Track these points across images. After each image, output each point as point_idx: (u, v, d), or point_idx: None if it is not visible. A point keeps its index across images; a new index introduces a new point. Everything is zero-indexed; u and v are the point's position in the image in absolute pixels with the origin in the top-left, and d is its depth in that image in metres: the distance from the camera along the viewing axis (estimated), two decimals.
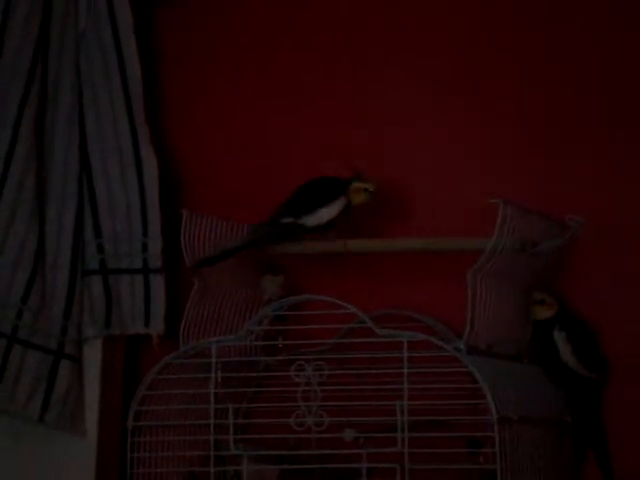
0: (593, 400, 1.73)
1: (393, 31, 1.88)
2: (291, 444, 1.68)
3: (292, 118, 1.91)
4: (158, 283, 1.83)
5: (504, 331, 1.67)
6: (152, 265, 1.83)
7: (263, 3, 1.94)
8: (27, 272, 1.82)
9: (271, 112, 1.92)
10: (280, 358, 1.72)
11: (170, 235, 1.82)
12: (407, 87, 1.87)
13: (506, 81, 1.83)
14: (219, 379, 1.64)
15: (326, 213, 1.75)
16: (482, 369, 1.55)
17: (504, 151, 1.83)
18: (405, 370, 1.57)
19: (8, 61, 1.83)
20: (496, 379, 1.57)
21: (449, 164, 1.84)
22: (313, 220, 1.75)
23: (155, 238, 1.84)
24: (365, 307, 1.65)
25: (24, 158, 1.83)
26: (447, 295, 1.78)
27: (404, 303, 1.80)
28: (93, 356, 1.85)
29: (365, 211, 1.81)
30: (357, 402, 1.61)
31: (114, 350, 1.86)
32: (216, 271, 1.76)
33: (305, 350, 1.69)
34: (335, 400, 1.61)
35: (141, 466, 1.64)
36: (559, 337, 1.72)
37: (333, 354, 1.69)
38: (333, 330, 1.71)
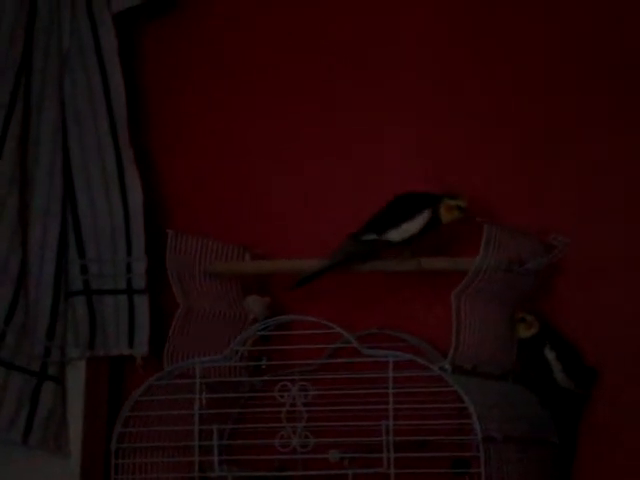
0: (578, 415, 1.74)
1: (364, 59, 1.89)
2: (276, 465, 1.68)
3: (277, 140, 1.91)
4: (142, 304, 1.83)
5: (489, 351, 1.67)
6: (136, 286, 1.83)
7: (248, 29, 1.94)
8: (10, 293, 1.81)
9: (256, 134, 1.91)
10: (265, 379, 1.71)
11: (155, 255, 1.82)
12: (383, 117, 1.87)
13: (491, 105, 1.84)
14: (203, 400, 1.63)
15: (410, 227, 1.70)
16: (467, 389, 1.55)
17: (489, 172, 1.83)
18: (390, 390, 1.56)
19: None
20: (481, 399, 1.56)
21: (433, 184, 1.84)
22: (397, 235, 1.71)
23: (139, 258, 1.83)
24: (351, 327, 1.65)
25: (7, 178, 1.83)
26: (433, 315, 1.78)
27: (390, 323, 1.80)
28: (77, 377, 1.84)
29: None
30: (342, 422, 1.61)
31: (98, 371, 1.85)
32: (201, 291, 1.76)
33: (290, 370, 1.69)
34: (320, 421, 1.61)
35: None
36: (551, 356, 1.72)
37: (318, 374, 1.68)
38: (318, 350, 1.71)
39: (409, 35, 1.87)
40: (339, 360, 1.67)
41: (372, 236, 1.72)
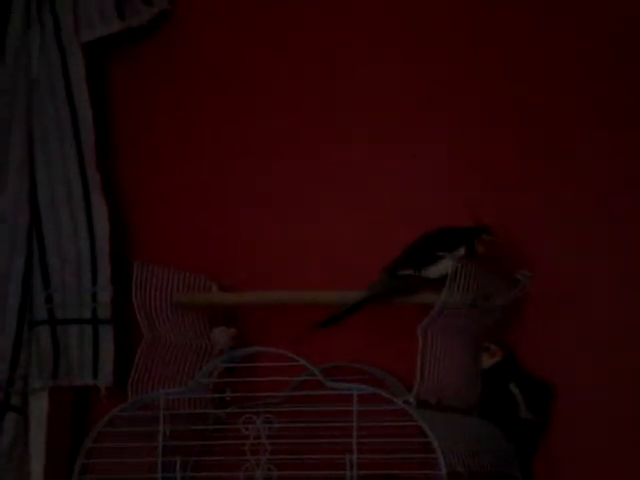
0: (534, 445, 1.74)
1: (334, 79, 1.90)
2: None
3: (246, 172, 1.91)
4: (107, 334, 1.82)
5: (454, 385, 1.67)
6: (101, 315, 1.82)
7: (215, 58, 1.94)
8: None
9: (225, 163, 1.92)
10: (229, 411, 1.71)
11: (121, 285, 1.82)
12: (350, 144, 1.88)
13: (443, 128, 1.84)
14: (167, 432, 1.63)
15: (446, 265, 1.66)
16: (432, 423, 1.55)
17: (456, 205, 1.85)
18: (355, 424, 1.56)
19: None
20: (446, 433, 1.56)
21: (404, 218, 1.84)
22: (434, 271, 1.69)
23: (105, 288, 1.83)
24: (316, 360, 1.65)
25: None
26: (398, 348, 1.77)
27: (355, 356, 1.80)
28: (39, 407, 1.82)
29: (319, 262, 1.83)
30: (306, 455, 1.60)
31: (61, 401, 1.84)
32: (167, 322, 1.75)
33: (255, 403, 1.69)
34: (284, 453, 1.60)
35: None
36: (515, 390, 1.72)
37: (283, 407, 1.68)
38: (283, 383, 1.70)
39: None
40: (303, 393, 1.67)
41: (409, 271, 1.70)
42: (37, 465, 1.81)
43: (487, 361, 1.74)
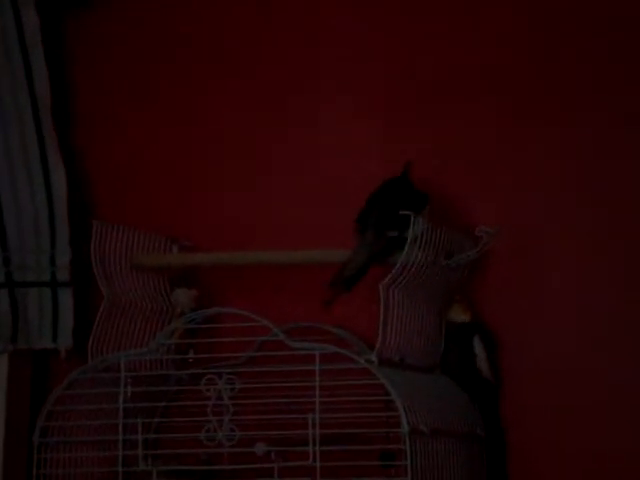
0: (495, 405, 1.74)
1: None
2: (202, 459, 1.67)
3: (205, 128, 1.89)
4: (66, 297, 1.80)
5: (417, 343, 1.67)
6: (60, 278, 1.80)
7: (182, 13, 1.92)
8: None
9: (184, 122, 1.90)
10: (191, 372, 1.70)
11: (80, 247, 1.80)
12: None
13: (423, 92, 1.84)
14: (129, 394, 1.61)
15: (418, 227, 1.65)
16: (394, 381, 1.55)
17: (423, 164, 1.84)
18: (317, 383, 1.56)
19: None
20: (408, 391, 1.56)
21: (362, 174, 1.84)
22: (411, 233, 1.65)
23: (63, 250, 1.81)
24: (278, 320, 1.64)
25: None
26: (360, 308, 1.77)
27: (318, 316, 1.79)
28: None
29: (280, 221, 1.81)
30: (269, 416, 1.60)
31: (21, 365, 1.82)
32: (127, 284, 1.74)
33: (217, 364, 1.68)
34: (247, 414, 1.60)
35: None
36: (479, 345, 1.73)
37: (245, 368, 1.67)
38: (246, 343, 1.70)
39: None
40: (266, 353, 1.67)
41: (395, 232, 1.67)
42: None
43: (459, 314, 1.74)
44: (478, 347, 1.73)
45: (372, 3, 1.86)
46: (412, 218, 1.62)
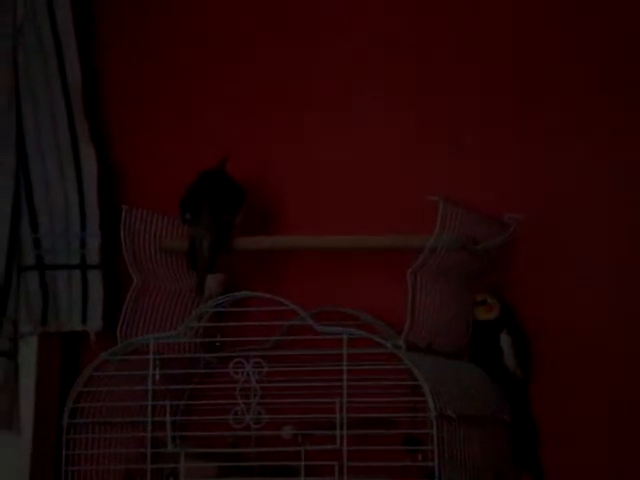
0: (525, 400, 1.74)
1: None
2: (230, 441, 1.68)
3: (235, 116, 1.90)
4: (96, 279, 1.82)
5: (444, 329, 1.67)
6: (90, 261, 1.82)
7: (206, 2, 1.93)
8: None
9: (214, 109, 1.91)
10: (219, 355, 1.71)
11: (109, 231, 1.81)
12: (346, 88, 1.87)
13: (440, 82, 1.84)
14: (157, 376, 1.62)
15: (245, 210, 1.76)
16: (421, 366, 1.55)
17: (443, 149, 1.83)
18: (345, 367, 1.56)
19: None
20: (435, 376, 1.57)
21: (389, 162, 1.84)
22: (240, 217, 1.76)
23: (93, 234, 1.82)
24: (306, 305, 1.64)
25: None
26: (388, 293, 1.76)
27: (345, 301, 1.80)
28: (29, 353, 1.82)
29: (309, 208, 1.82)
30: (296, 399, 1.60)
31: (50, 347, 1.84)
32: (156, 268, 1.75)
33: (245, 348, 1.69)
34: (274, 398, 1.61)
35: (76, 463, 1.62)
36: (505, 341, 1.73)
37: (273, 351, 1.68)
38: (273, 327, 1.70)
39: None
40: (293, 337, 1.67)
41: (229, 217, 1.74)
42: (27, 410, 1.81)
43: (483, 315, 1.74)
44: (505, 343, 1.73)
45: None
46: (440, 203, 1.62)
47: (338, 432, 1.55)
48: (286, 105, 1.89)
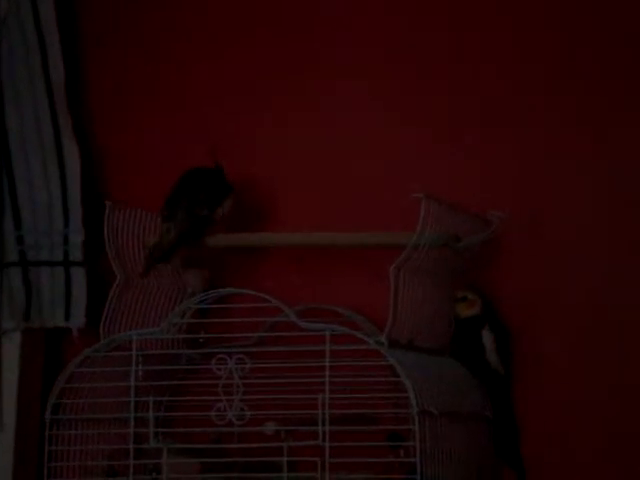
0: (506, 396, 1.75)
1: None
2: (212, 437, 1.68)
3: (219, 113, 1.90)
4: (79, 276, 1.82)
5: (426, 325, 1.67)
6: (73, 257, 1.82)
7: None
8: None
9: (198, 104, 1.91)
10: (202, 351, 1.71)
11: (93, 227, 1.81)
12: (325, 79, 1.87)
13: (425, 81, 1.84)
14: (140, 372, 1.63)
15: (227, 206, 1.76)
16: (403, 363, 1.56)
17: (426, 147, 1.84)
18: (327, 363, 1.57)
19: None
20: (417, 373, 1.57)
21: (373, 159, 1.85)
22: (220, 212, 1.76)
23: (76, 230, 1.82)
24: (289, 302, 1.65)
25: None
26: (371, 290, 1.78)
27: (329, 298, 1.80)
28: (12, 349, 1.82)
29: (292, 204, 1.82)
30: (279, 395, 1.61)
31: (34, 343, 1.84)
32: (139, 264, 1.75)
33: (228, 344, 1.69)
34: (257, 394, 1.61)
35: (59, 459, 1.63)
36: (487, 337, 1.74)
37: (256, 348, 1.68)
38: (256, 324, 1.71)
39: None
40: (277, 334, 1.68)
41: (206, 211, 1.74)
42: (10, 406, 1.81)
43: (464, 311, 1.74)
44: (487, 339, 1.74)
45: None
46: (423, 200, 1.62)
47: (320, 428, 1.55)
48: (273, 103, 1.89)
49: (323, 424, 1.55)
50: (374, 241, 1.74)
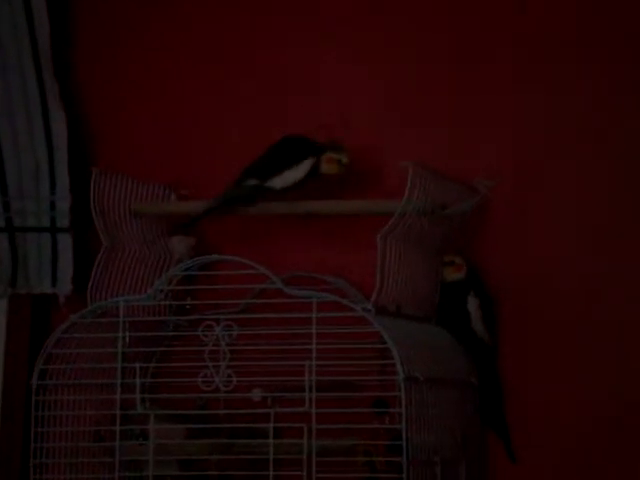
0: (492, 364, 1.76)
1: None
2: (199, 404, 1.68)
3: (204, 80, 1.89)
4: (66, 242, 1.81)
5: (413, 293, 1.68)
6: (60, 224, 1.81)
7: None
8: None
9: (184, 71, 1.90)
10: (189, 318, 1.71)
11: (80, 193, 1.80)
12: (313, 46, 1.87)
13: (412, 48, 1.83)
14: (127, 338, 1.63)
15: (292, 175, 1.71)
16: (390, 330, 1.56)
17: (415, 115, 1.83)
18: (314, 330, 1.57)
19: None
20: (404, 340, 1.58)
21: (361, 127, 1.84)
22: (279, 182, 1.72)
23: (63, 196, 1.81)
24: (277, 269, 1.65)
25: None
26: (358, 258, 1.78)
27: (315, 266, 1.80)
28: None
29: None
30: (265, 362, 1.61)
31: (20, 309, 1.84)
32: (125, 230, 1.75)
33: (215, 311, 1.69)
34: (244, 360, 1.61)
35: (46, 425, 1.63)
36: (472, 303, 1.74)
37: (243, 315, 1.68)
38: (243, 291, 1.71)
39: None
40: (263, 300, 1.68)
41: (254, 181, 1.72)
42: None
43: (451, 275, 1.75)
44: (472, 305, 1.75)
45: None
46: (410, 168, 1.62)
47: (307, 395, 1.56)
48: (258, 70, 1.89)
49: (310, 391, 1.56)
50: (362, 209, 1.74)
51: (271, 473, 1.57)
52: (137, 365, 1.62)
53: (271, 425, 1.59)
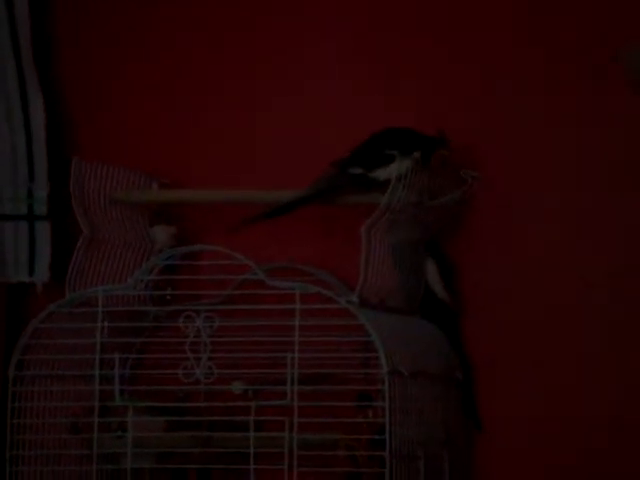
0: (455, 328, 1.74)
1: None
2: (179, 396, 1.66)
3: (190, 65, 1.86)
4: (44, 230, 1.79)
5: (397, 285, 1.66)
6: (38, 212, 1.79)
7: None
8: None
9: (167, 57, 1.87)
10: (170, 308, 1.69)
11: (60, 181, 1.78)
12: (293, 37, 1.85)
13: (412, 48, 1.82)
14: (106, 329, 1.60)
15: (396, 169, 1.64)
16: (374, 322, 1.55)
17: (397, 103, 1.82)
18: (297, 322, 1.55)
19: None
20: (388, 333, 1.56)
21: (346, 117, 1.82)
22: (384, 174, 1.66)
23: (41, 184, 1.79)
24: (259, 260, 1.63)
25: None
26: (342, 249, 1.76)
27: (299, 257, 1.78)
28: None
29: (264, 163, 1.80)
30: (247, 354, 1.59)
31: None
32: (106, 219, 1.73)
33: (196, 302, 1.67)
34: (225, 352, 1.59)
35: (22, 416, 1.60)
36: (430, 266, 1.72)
37: (225, 306, 1.66)
38: (225, 282, 1.68)
39: None
40: (245, 292, 1.65)
41: (359, 170, 1.68)
42: None
43: None
44: (430, 267, 1.73)
45: None
46: (396, 157, 1.61)
47: (289, 388, 1.54)
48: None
49: (292, 384, 1.54)
50: (347, 200, 1.71)
51: (252, 467, 1.55)
52: (116, 356, 1.59)
53: (252, 418, 1.57)
